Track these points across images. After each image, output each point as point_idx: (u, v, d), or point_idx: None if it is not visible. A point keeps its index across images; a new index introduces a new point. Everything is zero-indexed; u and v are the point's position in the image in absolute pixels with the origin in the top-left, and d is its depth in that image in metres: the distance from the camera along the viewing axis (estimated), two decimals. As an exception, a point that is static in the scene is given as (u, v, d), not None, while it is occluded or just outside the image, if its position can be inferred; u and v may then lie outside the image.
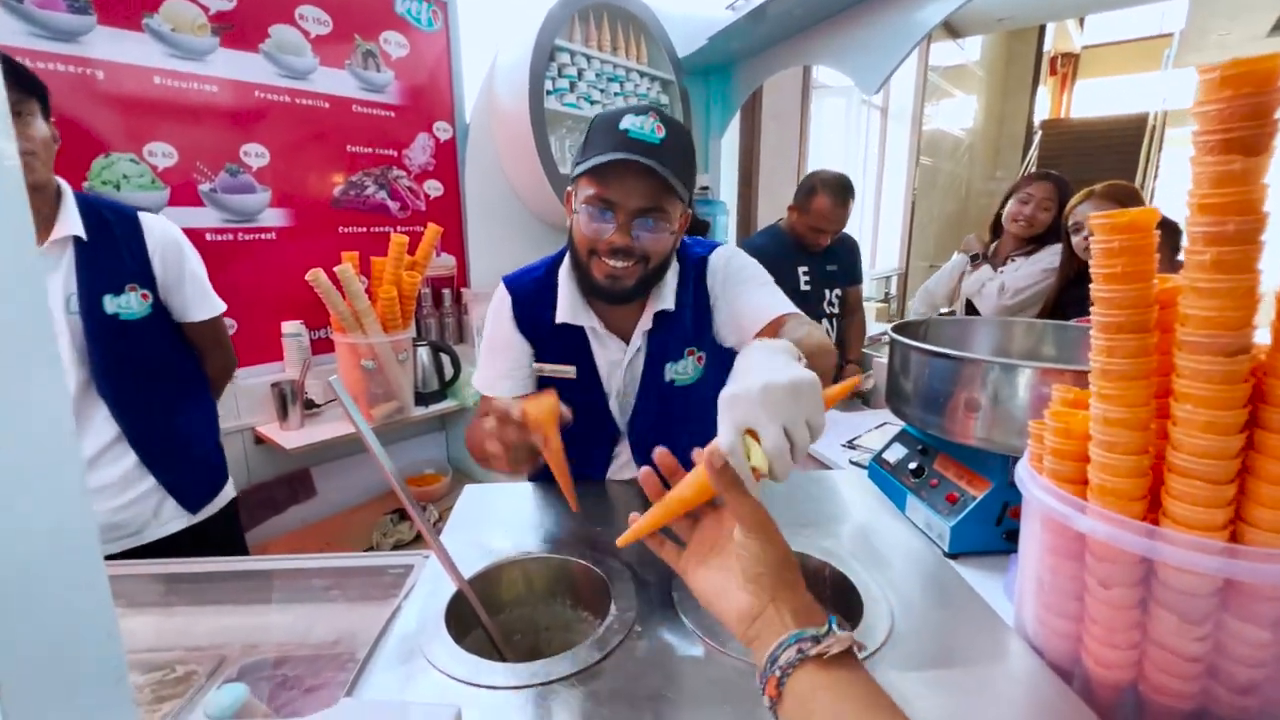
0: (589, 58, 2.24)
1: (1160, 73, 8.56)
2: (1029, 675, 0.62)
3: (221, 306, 1.35)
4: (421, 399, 1.95)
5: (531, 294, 1.01)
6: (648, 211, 0.86)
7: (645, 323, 0.98)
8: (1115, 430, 0.54)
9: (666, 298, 0.98)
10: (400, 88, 2.05)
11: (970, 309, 2.05)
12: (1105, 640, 0.58)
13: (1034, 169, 7.96)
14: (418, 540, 1.86)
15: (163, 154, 1.60)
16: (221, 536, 1.38)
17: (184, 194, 1.65)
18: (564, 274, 0.99)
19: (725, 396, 0.50)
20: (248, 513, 1.79)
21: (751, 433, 0.49)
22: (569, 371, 1.01)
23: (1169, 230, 1.71)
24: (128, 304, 1.17)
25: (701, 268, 1.01)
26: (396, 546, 1.79)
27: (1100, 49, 10.37)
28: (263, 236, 1.81)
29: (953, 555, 0.99)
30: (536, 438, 0.76)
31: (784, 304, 0.93)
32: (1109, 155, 7.77)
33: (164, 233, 1.24)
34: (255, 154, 1.76)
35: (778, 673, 0.42)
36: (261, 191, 1.78)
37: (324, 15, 1.84)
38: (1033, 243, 1.95)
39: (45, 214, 1.10)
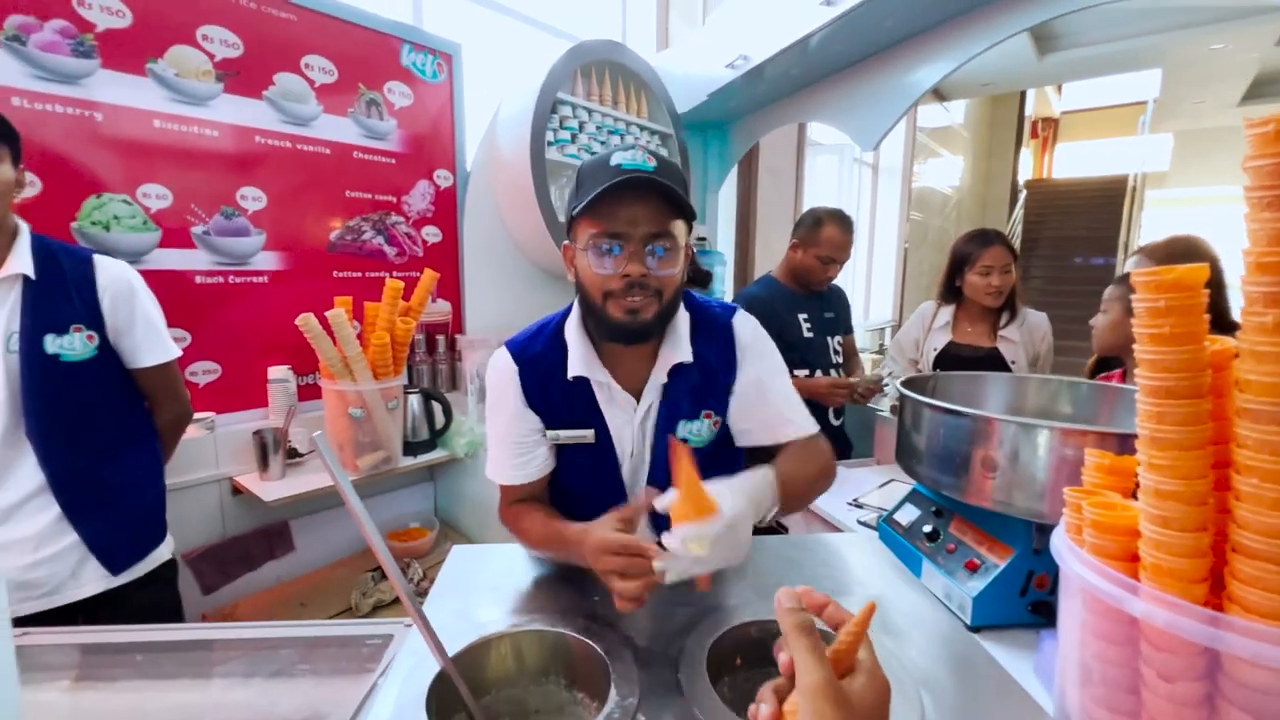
0: (590, 110, 2.28)
1: (1136, 137, 8.94)
2: (1081, 780, 0.56)
3: (176, 352, 1.30)
4: (410, 448, 1.88)
5: (539, 355, 0.96)
6: (657, 237, 0.83)
7: (659, 375, 0.93)
8: (1169, 504, 0.49)
9: (682, 349, 0.93)
10: (402, 135, 2.06)
11: (945, 360, 1.98)
12: (1169, 742, 0.52)
13: (1020, 227, 8.19)
14: (398, 602, 1.76)
15: (156, 195, 1.58)
16: (148, 602, 1.27)
17: (176, 236, 1.62)
18: (573, 328, 0.94)
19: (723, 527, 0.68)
20: (220, 568, 1.69)
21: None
22: (587, 436, 0.95)
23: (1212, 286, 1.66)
24: (71, 345, 1.13)
25: (728, 332, 0.98)
26: (377, 608, 1.69)
27: (1078, 114, 10.86)
28: (254, 280, 1.77)
29: (975, 628, 0.92)
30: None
31: (804, 423, 0.98)
32: (1091, 213, 8.01)
33: (117, 275, 1.20)
34: (252, 197, 1.74)
35: None
36: (256, 235, 1.76)
37: (329, 65, 1.86)
38: (1008, 308, 1.95)
39: None
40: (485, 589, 0.91)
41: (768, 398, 0.97)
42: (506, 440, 0.97)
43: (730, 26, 2.41)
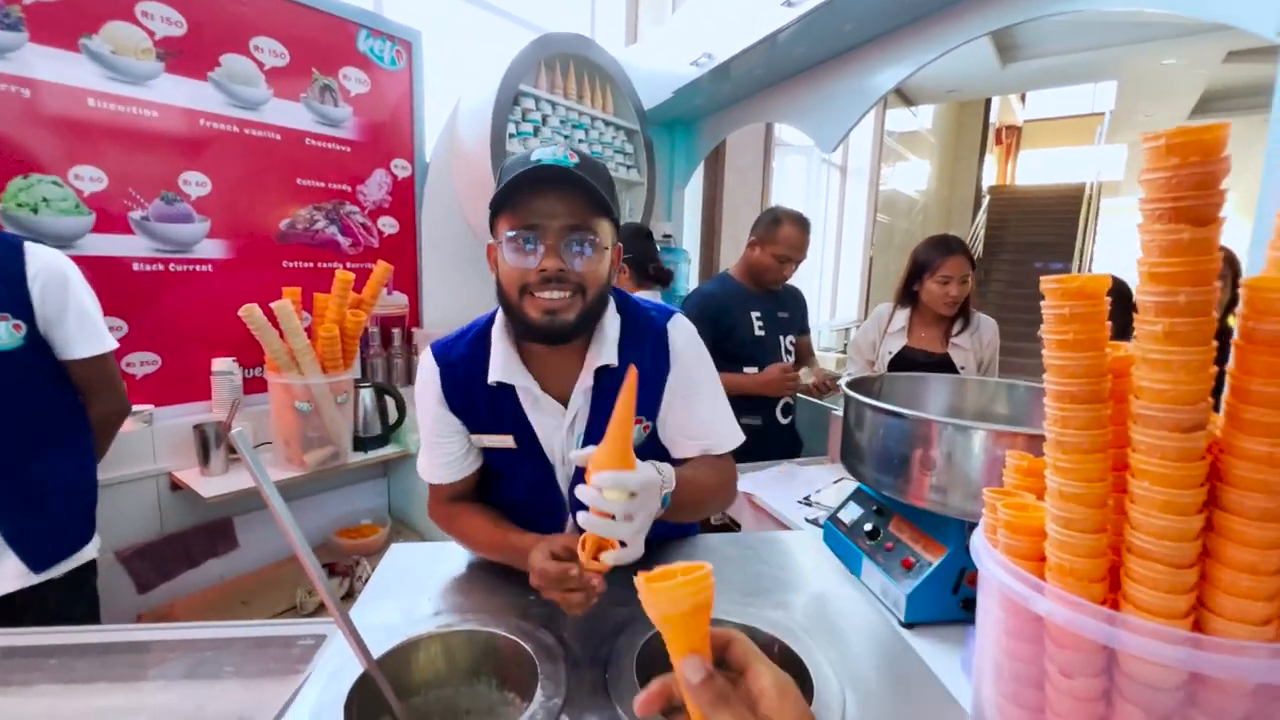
0: (554, 104, 2.26)
1: (1094, 147, 9.25)
2: (988, 774, 0.57)
3: (112, 344, 1.26)
4: (361, 444, 1.84)
5: (463, 358, 0.93)
6: (576, 230, 0.81)
7: (585, 379, 0.90)
8: (1072, 505, 0.51)
9: (608, 352, 0.90)
10: (358, 123, 2.01)
11: (899, 364, 2.01)
12: (1068, 736, 0.54)
13: (983, 231, 8.40)
14: (346, 599, 1.72)
15: (90, 178, 1.51)
16: (66, 603, 1.24)
17: (112, 221, 1.56)
18: (497, 331, 0.92)
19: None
20: (157, 566, 1.63)
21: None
22: (507, 441, 0.93)
23: (1121, 297, 1.75)
24: None
25: (662, 337, 0.95)
26: (322, 606, 1.65)
27: (1040, 123, 11.19)
28: (198, 268, 1.71)
29: (908, 625, 0.94)
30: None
31: (724, 437, 0.97)
32: (1050, 220, 8.27)
33: (48, 263, 1.16)
34: (196, 183, 1.68)
35: None
36: (200, 221, 1.69)
37: (280, 48, 1.80)
38: (961, 314, 1.98)
39: None
40: (420, 588, 0.89)
41: (693, 407, 0.96)
42: (430, 440, 0.97)
43: (695, 24, 2.41)
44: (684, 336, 0.97)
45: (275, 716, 0.71)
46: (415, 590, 0.88)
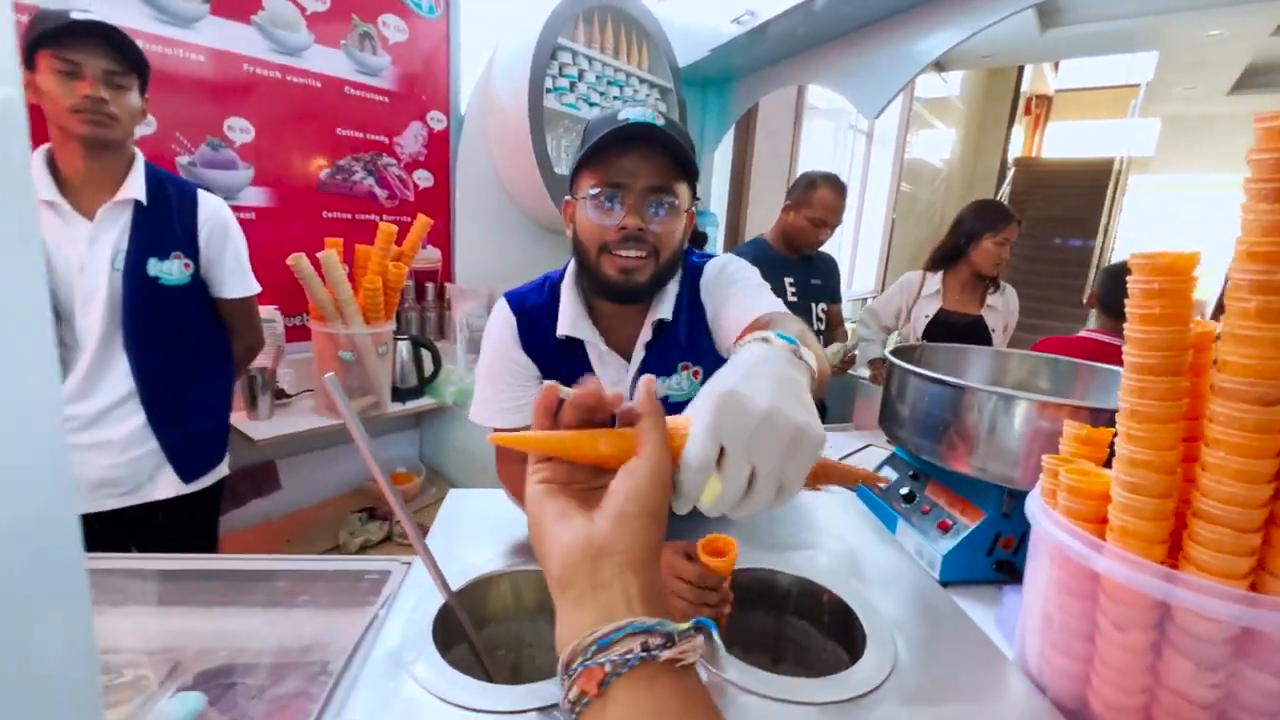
0: (590, 59, 2.22)
1: (1125, 120, 8.97)
2: (1035, 717, 0.62)
3: (256, 288, 1.42)
4: (399, 395, 1.89)
5: (536, 309, 0.96)
6: (657, 191, 0.82)
7: (645, 334, 0.93)
8: (1141, 472, 0.54)
9: (665, 307, 0.93)
10: (396, 73, 1.99)
11: (935, 326, 2.06)
12: (1116, 684, 0.58)
13: (1006, 204, 8.24)
14: (386, 542, 1.79)
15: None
16: (204, 512, 1.40)
17: (161, 165, 1.56)
18: (567, 286, 0.94)
19: (720, 394, 0.37)
20: (206, 504, 1.70)
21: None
22: None
23: (1114, 277, 1.79)
24: (170, 270, 1.24)
25: (696, 276, 0.97)
26: (363, 547, 1.73)
27: (1072, 93, 10.82)
28: (242, 216, 1.72)
29: (943, 584, 0.99)
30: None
31: (771, 302, 0.86)
32: (1075, 195, 8.09)
33: (215, 211, 1.32)
34: (239, 129, 1.68)
35: (607, 666, 0.30)
36: (244, 169, 1.70)
37: (321, -8, 1.78)
38: (993, 278, 2.06)
39: (116, 176, 1.20)
40: (481, 531, 0.94)
41: (744, 300, 0.89)
42: (498, 384, 0.96)
43: (738, -21, 2.34)
44: (716, 264, 0.98)
45: (358, 639, 0.76)
46: (475, 534, 0.93)
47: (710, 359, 0.98)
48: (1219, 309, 1.40)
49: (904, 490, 1.12)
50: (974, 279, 2.06)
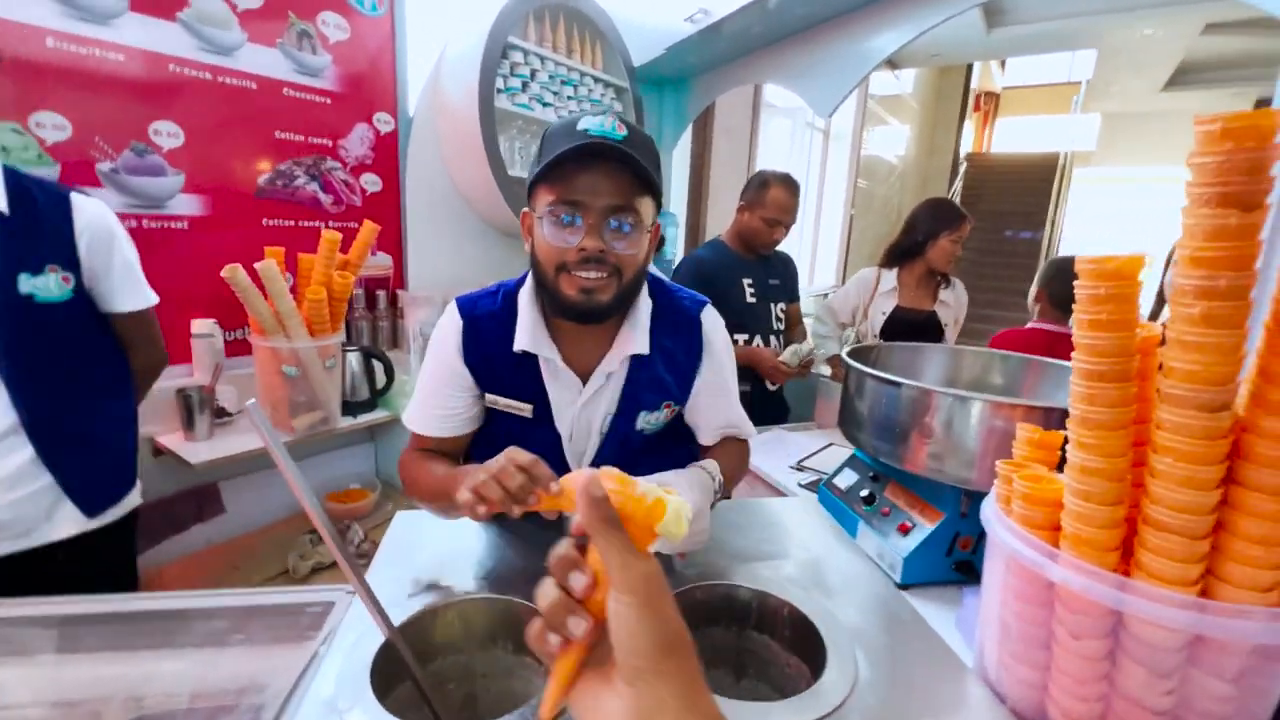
0: (543, 58, 2.17)
1: (1069, 116, 9.31)
2: (995, 727, 0.61)
3: (153, 299, 1.26)
4: (350, 408, 1.81)
5: (486, 319, 0.91)
6: (619, 211, 0.78)
7: (610, 364, 0.90)
8: (1092, 480, 0.53)
9: (640, 340, 0.89)
10: (338, 73, 1.91)
11: (891, 323, 2.09)
12: (1073, 692, 0.57)
13: (959, 199, 8.47)
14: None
15: (53, 125, 1.41)
16: (115, 548, 1.27)
17: (79, 173, 1.46)
18: (525, 298, 0.90)
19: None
20: (144, 533, 1.60)
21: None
22: (524, 410, 0.92)
23: (1060, 271, 1.84)
24: (45, 286, 1.10)
25: (695, 328, 0.97)
26: (315, 570, 1.65)
27: (1018, 90, 11.19)
28: (173, 225, 1.63)
29: (904, 586, 0.98)
30: (551, 514, 0.67)
31: (731, 408, 1.02)
32: (1024, 189, 8.35)
33: (95, 216, 1.16)
34: (168, 133, 1.59)
35: None
36: (173, 175, 1.61)
37: (254, -12, 1.69)
38: (943, 274, 2.12)
39: None
40: (430, 555, 0.89)
41: (720, 402, 1.00)
42: (434, 390, 0.94)
43: (690, -23, 2.32)
44: (716, 329, 0.99)
45: (293, 683, 0.71)
46: (425, 557, 0.89)
47: (684, 400, 0.99)
48: (1159, 300, 1.44)
49: (864, 492, 1.12)
50: (927, 275, 2.10)
